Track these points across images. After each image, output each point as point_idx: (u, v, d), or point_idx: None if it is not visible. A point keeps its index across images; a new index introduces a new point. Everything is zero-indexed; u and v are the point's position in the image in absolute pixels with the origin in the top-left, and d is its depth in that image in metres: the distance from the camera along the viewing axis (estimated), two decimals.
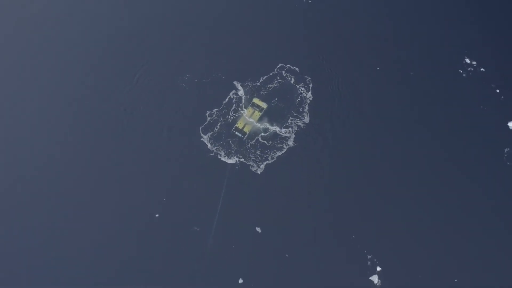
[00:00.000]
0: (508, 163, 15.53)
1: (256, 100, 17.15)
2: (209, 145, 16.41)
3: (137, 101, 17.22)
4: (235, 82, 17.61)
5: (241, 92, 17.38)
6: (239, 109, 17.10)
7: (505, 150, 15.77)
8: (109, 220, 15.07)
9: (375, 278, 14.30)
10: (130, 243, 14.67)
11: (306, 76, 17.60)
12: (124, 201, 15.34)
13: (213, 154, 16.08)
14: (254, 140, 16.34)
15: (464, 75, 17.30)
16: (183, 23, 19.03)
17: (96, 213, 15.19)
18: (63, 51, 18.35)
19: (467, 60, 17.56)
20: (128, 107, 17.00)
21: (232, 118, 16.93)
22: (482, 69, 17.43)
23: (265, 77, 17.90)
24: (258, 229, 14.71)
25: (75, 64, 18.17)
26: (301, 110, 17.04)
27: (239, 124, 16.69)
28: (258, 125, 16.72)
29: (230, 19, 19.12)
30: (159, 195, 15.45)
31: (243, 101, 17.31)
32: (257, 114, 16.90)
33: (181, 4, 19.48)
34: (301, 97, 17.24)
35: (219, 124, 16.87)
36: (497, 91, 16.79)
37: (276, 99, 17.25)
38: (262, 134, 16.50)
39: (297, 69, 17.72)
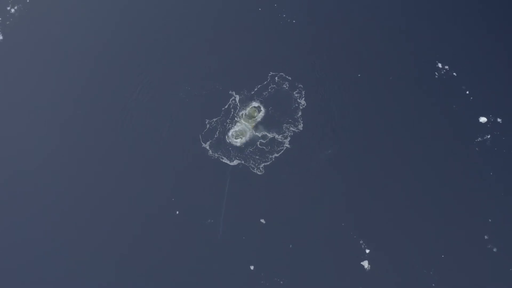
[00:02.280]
0: (476, 148, 18.19)
1: (251, 109, 18.88)
2: (210, 152, 18.40)
3: (140, 112, 19.00)
4: (231, 92, 19.39)
5: (237, 101, 19.11)
6: (236, 117, 18.88)
7: (478, 139, 18.28)
8: (133, 216, 17.24)
9: (365, 263, 16.84)
10: (150, 238, 16.96)
11: (298, 84, 19.44)
12: (140, 202, 17.35)
13: (215, 158, 18.31)
14: (254, 147, 18.47)
15: (438, 78, 19.65)
16: (176, 42, 20.67)
17: (114, 212, 17.25)
18: (59, 67, 20.01)
19: (440, 65, 19.86)
20: (133, 117, 19.06)
21: (230, 126, 18.74)
22: (454, 74, 19.85)
23: (260, 85, 19.58)
24: (262, 220, 16.95)
25: (73, 79, 19.75)
26: (295, 117, 18.97)
27: (237, 132, 18.42)
28: (256, 133, 18.58)
29: (222, 35, 20.73)
30: (169, 195, 17.61)
31: (239, 109, 19.03)
32: (253, 121, 18.63)
33: (174, 24, 21.21)
34: (296, 104, 19.12)
35: (217, 132, 18.68)
36: (467, 92, 19.09)
37: (271, 107, 19.17)
38: (261, 140, 18.46)
39: (289, 77, 19.57)
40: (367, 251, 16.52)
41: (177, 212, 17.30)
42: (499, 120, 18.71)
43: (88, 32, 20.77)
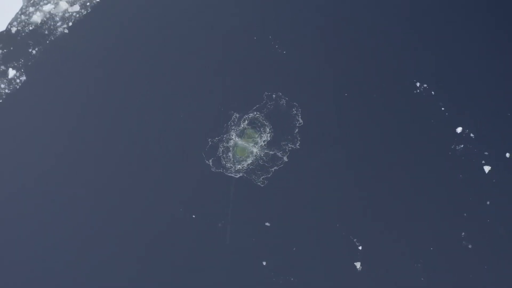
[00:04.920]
0: (449, 152, 21.23)
1: (250, 131, 21.10)
2: (213, 169, 20.73)
3: (144, 132, 21.70)
4: (232, 112, 21.71)
5: (238, 121, 21.47)
6: (237, 136, 21.26)
7: (452, 146, 21.28)
8: (145, 223, 20.25)
9: (358, 264, 19.10)
10: (165, 241, 20.17)
11: (294, 103, 21.89)
12: (149, 212, 20.37)
13: (218, 172, 20.62)
14: (255, 165, 20.71)
15: (418, 96, 22.18)
16: (177, 64, 23.11)
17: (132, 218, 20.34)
18: (76, 100, 22.57)
19: (418, 84, 22.44)
20: (138, 132, 21.62)
21: (231, 145, 21.16)
22: (432, 92, 22.29)
23: (258, 105, 21.89)
24: (267, 223, 19.75)
25: (73, 103, 22.34)
26: (294, 134, 21.37)
27: (238, 152, 20.64)
28: (257, 151, 20.83)
29: (222, 59, 23.13)
30: (177, 205, 20.44)
31: (240, 128, 21.40)
32: (253, 141, 20.84)
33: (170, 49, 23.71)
34: (293, 122, 21.53)
35: (219, 149, 21.06)
36: (442, 109, 21.91)
37: (270, 126, 21.48)
38: (263, 158, 20.78)
39: (286, 98, 21.96)
40: (360, 247, 19.54)
41: (194, 216, 20.33)
42: (471, 134, 21.66)
43: (101, 69, 23.41)
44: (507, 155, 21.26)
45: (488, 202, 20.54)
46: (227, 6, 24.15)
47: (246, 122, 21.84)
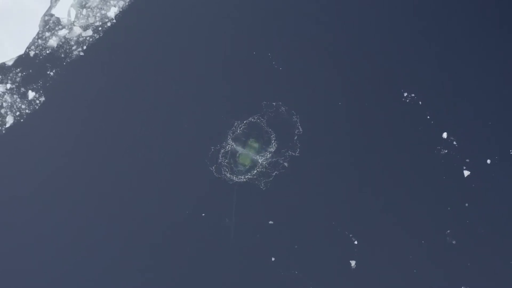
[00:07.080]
0: (434, 151, 23.35)
1: (252, 142, 22.44)
2: (216, 174, 22.31)
3: (152, 140, 23.51)
4: (234, 120, 23.28)
5: (240, 130, 22.97)
6: (238, 145, 22.79)
7: (437, 147, 23.36)
8: (155, 225, 22.42)
9: (353, 262, 20.95)
10: (176, 239, 22.32)
11: (293, 111, 23.45)
12: (157, 214, 22.54)
13: (221, 178, 22.38)
14: (256, 172, 22.41)
15: (406, 105, 24.04)
16: (180, 76, 24.80)
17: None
18: (90, 118, 24.32)
19: (405, 94, 24.21)
20: (143, 142, 23.44)
21: (232, 152, 22.81)
22: (420, 102, 24.12)
23: (258, 114, 23.44)
24: (270, 222, 21.71)
25: (90, 126, 24.03)
26: (293, 141, 23.00)
27: (241, 159, 22.02)
28: (258, 158, 22.30)
29: (224, 72, 24.69)
30: (183, 207, 22.44)
31: (242, 138, 22.92)
32: (255, 149, 22.18)
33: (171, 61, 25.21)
34: (293, 130, 23.11)
35: (221, 156, 22.79)
36: (428, 117, 23.80)
37: (272, 134, 23.13)
38: (265, 164, 22.35)
39: (286, 107, 23.45)
40: (356, 242, 21.72)
41: (203, 215, 22.56)
42: (455, 142, 23.82)
43: (114, 87, 25.36)
44: (488, 161, 23.34)
45: (466, 204, 22.84)
46: (229, 19, 25.86)
47: (248, 130, 23.48)
